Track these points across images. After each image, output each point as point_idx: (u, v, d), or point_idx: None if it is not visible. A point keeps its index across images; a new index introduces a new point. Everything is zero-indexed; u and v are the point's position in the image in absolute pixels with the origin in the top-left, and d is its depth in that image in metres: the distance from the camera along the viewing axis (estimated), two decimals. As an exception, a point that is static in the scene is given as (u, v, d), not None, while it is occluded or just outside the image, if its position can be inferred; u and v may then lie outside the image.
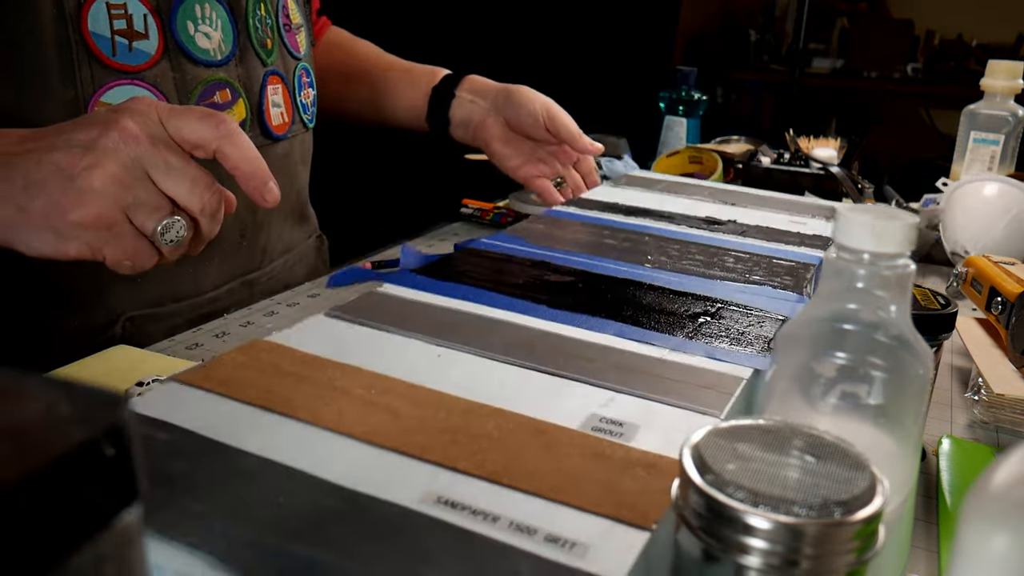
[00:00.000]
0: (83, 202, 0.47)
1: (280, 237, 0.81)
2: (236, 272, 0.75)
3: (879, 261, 0.31)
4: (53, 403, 0.15)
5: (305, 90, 0.79)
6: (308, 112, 0.80)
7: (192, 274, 0.70)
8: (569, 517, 0.31)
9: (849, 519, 0.24)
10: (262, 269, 0.78)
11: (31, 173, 0.47)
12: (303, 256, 0.87)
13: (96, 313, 0.65)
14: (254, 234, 0.76)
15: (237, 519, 0.30)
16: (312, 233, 0.90)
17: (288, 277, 0.83)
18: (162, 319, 0.69)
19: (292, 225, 0.84)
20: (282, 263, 0.82)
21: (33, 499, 0.14)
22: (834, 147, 1.11)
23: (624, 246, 0.66)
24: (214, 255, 0.72)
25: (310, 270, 0.88)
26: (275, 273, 0.80)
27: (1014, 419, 0.55)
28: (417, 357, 0.44)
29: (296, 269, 0.85)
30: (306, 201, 0.88)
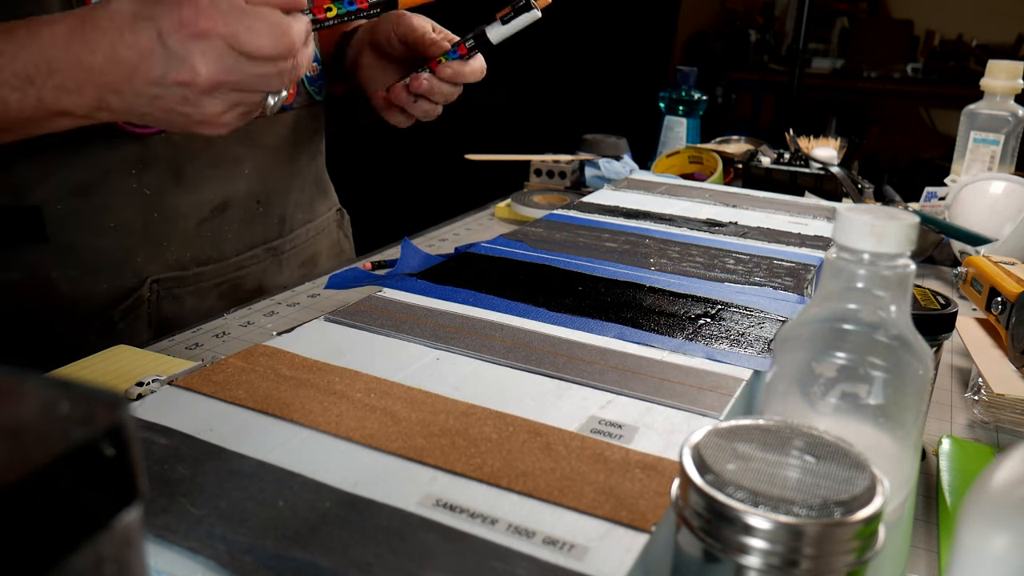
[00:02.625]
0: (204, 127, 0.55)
1: (299, 206, 0.82)
2: (257, 239, 0.77)
3: (879, 261, 0.31)
4: (53, 403, 0.15)
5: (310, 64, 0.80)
6: (315, 85, 0.80)
7: (211, 238, 0.72)
8: (568, 519, 0.31)
9: (849, 519, 0.24)
10: (284, 237, 0.80)
11: (153, 109, 0.53)
12: (325, 228, 0.88)
13: (124, 277, 0.68)
14: (270, 201, 0.77)
15: (236, 523, 0.30)
16: (332, 206, 0.91)
17: (312, 248, 0.85)
18: (187, 283, 0.71)
19: (311, 196, 0.85)
20: (304, 232, 0.83)
21: (33, 499, 0.14)
22: (834, 147, 1.11)
23: (624, 249, 0.66)
24: (231, 219, 0.73)
25: (332, 243, 0.90)
26: (299, 243, 0.82)
27: (1014, 419, 0.55)
28: (416, 360, 0.44)
29: (320, 240, 0.87)
30: (324, 173, 0.89)
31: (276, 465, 0.34)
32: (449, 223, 0.99)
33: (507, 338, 0.47)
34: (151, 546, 0.29)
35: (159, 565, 0.29)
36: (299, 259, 0.83)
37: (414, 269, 0.60)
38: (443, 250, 0.85)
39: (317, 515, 0.31)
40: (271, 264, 0.79)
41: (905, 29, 3.61)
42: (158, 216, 0.68)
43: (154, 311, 0.70)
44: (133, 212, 0.66)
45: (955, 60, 3.49)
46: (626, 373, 0.43)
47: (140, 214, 0.67)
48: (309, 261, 0.85)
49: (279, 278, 0.80)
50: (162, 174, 0.66)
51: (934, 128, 3.58)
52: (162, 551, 0.29)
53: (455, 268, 0.59)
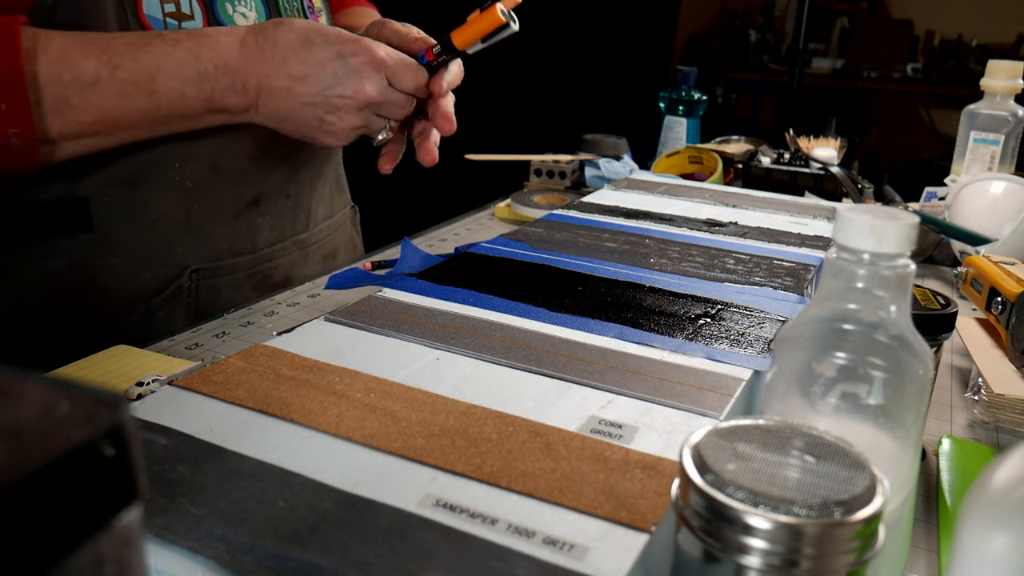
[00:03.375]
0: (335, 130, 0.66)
1: (322, 201, 0.85)
2: (287, 232, 0.80)
3: (879, 261, 0.31)
4: (53, 403, 0.15)
5: None
6: None
7: (247, 230, 0.75)
8: (568, 519, 0.31)
9: (849, 519, 0.24)
10: (310, 230, 0.83)
11: (297, 114, 0.64)
12: (342, 223, 0.91)
13: (166, 266, 0.71)
14: (298, 195, 0.79)
15: (236, 523, 0.30)
16: (347, 203, 0.94)
17: (333, 242, 0.88)
18: (222, 273, 0.74)
19: (332, 191, 0.88)
20: (327, 227, 0.86)
21: (33, 499, 0.14)
22: (834, 147, 1.11)
23: (624, 249, 0.66)
24: (266, 212, 0.76)
25: (348, 238, 0.92)
26: (321, 236, 0.85)
27: (1014, 419, 0.55)
28: (416, 360, 0.44)
29: (339, 235, 0.89)
30: (341, 169, 0.92)
31: (276, 465, 0.34)
32: (449, 223, 0.99)
33: (507, 338, 0.47)
34: (151, 546, 0.29)
35: (159, 565, 0.29)
36: (322, 252, 0.85)
37: (414, 269, 0.60)
38: (443, 250, 0.85)
39: (317, 515, 0.31)
40: (298, 256, 0.81)
41: (905, 29, 3.62)
42: (198, 208, 0.70)
43: (193, 300, 0.72)
44: (175, 204, 0.69)
45: (955, 60, 3.49)
46: (626, 373, 0.43)
47: (181, 205, 0.70)
48: (330, 255, 0.87)
49: (305, 270, 0.82)
50: (202, 168, 0.69)
51: (934, 128, 3.58)
52: (162, 551, 0.29)
53: (455, 268, 0.59)
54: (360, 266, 0.78)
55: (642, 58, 2.79)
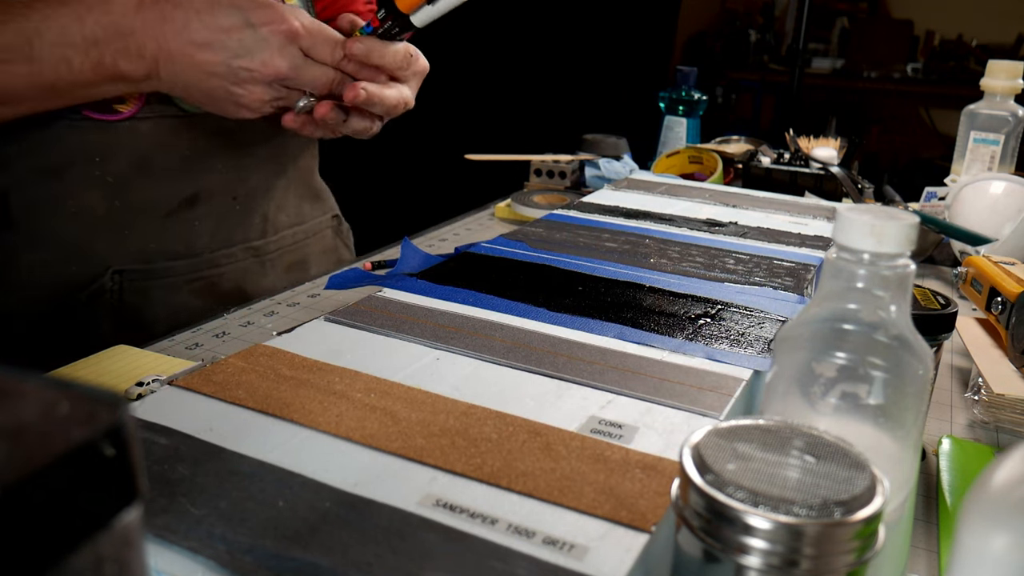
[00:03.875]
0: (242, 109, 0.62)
1: (284, 208, 0.80)
2: (235, 237, 0.75)
3: (879, 261, 0.31)
4: (53, 403, 0.15)
5: None
6: None
7: (180, 232, 0.71)
8: (568, 519, 0.31)
9: (849, 519, 0.24)
10: (268, 238, 0.79)
11: (202, 83, 0.59)
12: (317, 234, 0.87)
13: (87, 264, 0.67)
14: (250, 199, 0.75)
15: (236, 523, 0.30)
16: (327, 212, 0.89)
17: (301, 252, 0.83)
18: (155, 276, 0.70)
19: (300, 198, 0.83)
20: (291, 235, 0.82)
21: (33, 499, 0.14)
22: (834, 147, 1.11)
23: (624, 249, 0.66)
24: (203, 215, 0.72)
25: (327, 250, 0.89)
26: (284, 245, 0.81)
27: (1014, 419, 0.55)
28: (416, 360, 0.44)
29: (311, 246, 0.85)
30: (315, 177, 0.87)
31: (276, 465, 0.34)
32: (449, 223, 0.99)
33: (507, 338, 0.47)
34: (151, 546, 0.29)
35: (159, 565, 0.29)
36: (285, 262, 0.81)
37: (414, 269, 0.60)
38: (443, 250, 0.85)
39: (317, 515, 0.31)
40: (252, 265, 0.77)
41: (905, 29, 3.61)
42: (120, 205, 0.67)
43: (116, 302, 0.69)
44: (96, 199, 0.66)
45: (955, 60, 3.49)
46: (626, 373, 0.43)
47: (103, 201, 0.67)
48: (297, 266, 0.83)
49: (263, 280, 0.78)
50: (125, 163, 0.66)
51: (934, 128, 3.58)
52: (162, 551, 0.29)
53: (455, 268, 0.59)
54: (360, 266, 0.78)
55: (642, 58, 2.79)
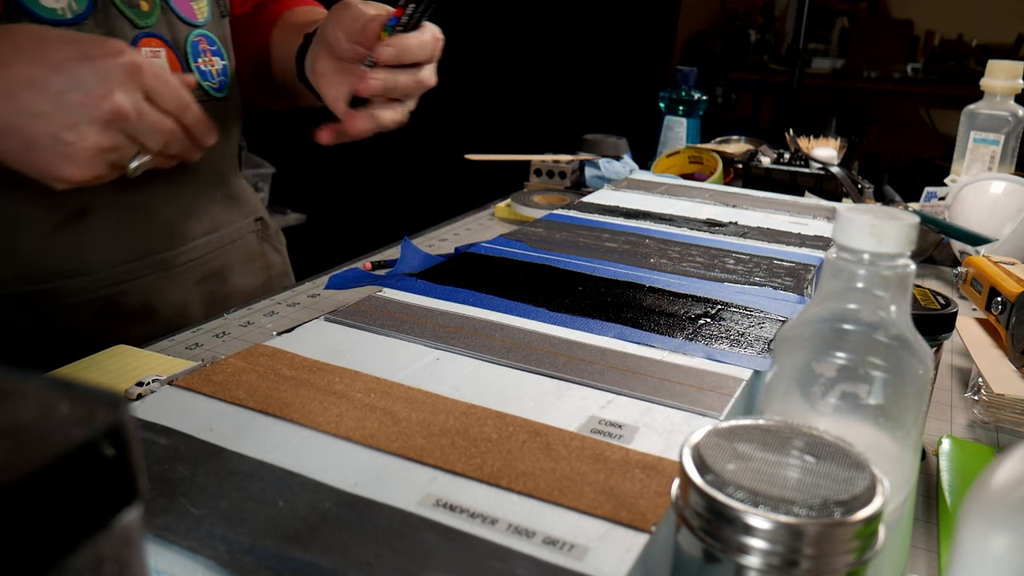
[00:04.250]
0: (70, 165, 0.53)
1: (194, 215, 0.74)
2: (138, 251, 0.69)
3: (879, 261, 0.31)
4: (53, 403, 0.15)
5: (206, 57, 0.73)
6: (213, 80, 0.73)
7: (68, 247, 0.65)
8: (568, 519, 0.31)
9: (849, 519, 0.24)
10: (176, 249, 0.72)
11: (24, 129, 0.52)
12: (238, 240, 0.80)
13: None
14: (150, 208, 0.69)
15: (236, 523, 0.30)
16: (249, 215, 0.83)
17: (218, 262, 0.77)
18: (49, 297, 0.65)
19: (214, 203, 0.77)
20: (204, 244, 0.75)
21: (33, 499, 0.14)
22: (834, 147, 1.11)
23: (624, 249, 0.66)
24: (95, 228, 0.66)
25: (251, 257, 0.82)
26: (198, 255, 0.74)
27: (1014, 419, 0.55)
28: (416, 360, 0.44)
29: (229, 254, 0.79)
30: (234, 177, 0.81)
31: (276, 465, 0.34)
32: (449, 223, 0.99)
33: (507, 338, 0.47)
34: (151, 546, 0.29)
35: (159, 565, 0.29)
36: (199, 274, 0.75)
37: (414, 269, 0.60)
38: (443, 250, 0.85)
39: (317, 515, 0.31)
40: (161, 280, 0.71)
41: (905, 29, 3.61)
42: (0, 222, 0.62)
43: (10, 330, 0.65)
44: None
45: (955, 60, 3.48)
46: (626, 373, 0.43)
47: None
48: (215, 277, 0.77)
49: (173, 295, 0.73)
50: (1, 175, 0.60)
51: (934, 128, 3.58)
52: (162, 551, 0.29)
53: (455, 268, 0.59)
54: (360, 266, 0.78)
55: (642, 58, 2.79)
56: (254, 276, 0.82)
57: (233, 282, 0.79)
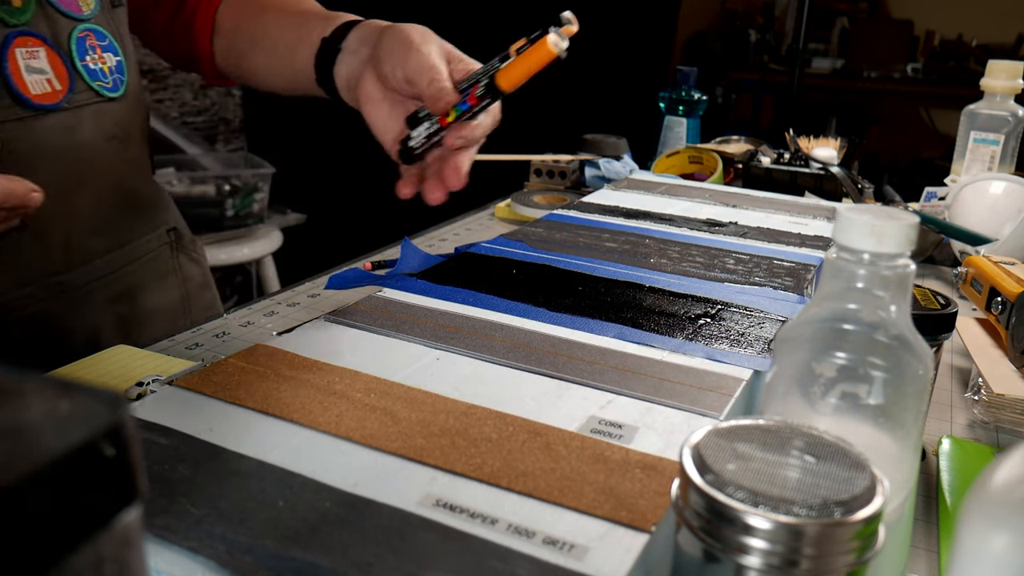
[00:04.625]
0: None
1: (94, 231, 0.68)
2: (30, 275, 0.64)
3: (879, 261, 0.31)
4: (53, 403, 0.15)
5: (96, 54, 0.66)
6: (106, 79, 0.67)
7: None
8: (568, 519, 0.31)
9: (849, 519, 0.24)
10: (77, 269, 0.66)
11: None
12: (147, 254, 0.74)
13: None
14: (43, 224, 0.63)
15: (236, 523, 0.30)
16: (160, 226, 0.76)
17: (127, 282, 0.71)
18: None
19: (118, 215, 0.70)
20: (106, 263, 0.69)
21: (33, 499, 0.14)
22: (834, 147, 1.11)
23: (624, 249, 0.66)
24: None
25: (165, 271, 0.76)
26: (100, 275, 0.69)
27: (1014, 419, 0.55)
28: (416, 360, 0.44)
29: (139, 271, 0.73)
30: (143, 186, 0.74)
31: (276, 465, 0.34)
32: (449, 223, 0.99)
33: (507, 338, 0.47)
34: (151, 546, 0.29)
35: (159, 565, 0.29)
36: (105, 295, 0.69)
37: (414, 269, 0.60)
38: (443, 250, 0.85)
39: (317, 515, 0.31)
40: (58, 304, 0.66)
41: (905, 29, 3.61)
42: None
43: None
44: None
45: (955, 60, 3.48)
46: (626, 373, 0.43)
47: None
48: (125, 296, 0.71)
49: (78, 320, 0.67)
50: None
51: (934, 128, 3.58)
52: (162, 551, 0.29)
53: (455, 268, 0.59)
54: (360, 266, 0.78)
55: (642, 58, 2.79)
56: (169, 292, 0.76)
57: (145, 300, 0.73)
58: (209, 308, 0.81)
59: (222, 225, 1.91)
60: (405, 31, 0.59)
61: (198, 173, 1.96)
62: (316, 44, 0.66)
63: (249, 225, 1.95)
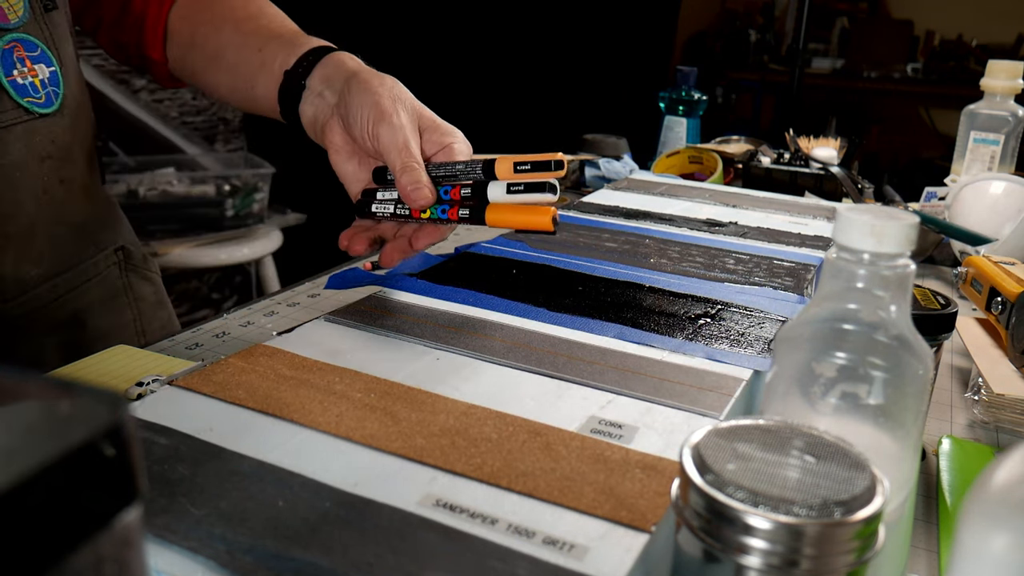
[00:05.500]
0: None
1: (29, 260, 0.63)
2: None
3: (879, 261, 0.31)
4: (53, 403, 0.15)
5: (25, 67, 0.61)
6: (37, 94, 0.62)
7: None
8: (568, 519, 0.31)
9: (849, 519, 0.24)
10: (11, 301, 0.62)
11: None
12: (93, 278, 0.69)
13: None
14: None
15: (236, 523, 0.30)
16: (107, 246, 0.71)
17: (72, 308, 0.67)
18: None
19: (60, 237, 0.65)
20: (49, 290, 0.65)
21: (33, 499, 0.14)
22: (834, 147, 1.11)
23: (624, 249, 0.66)
24: None
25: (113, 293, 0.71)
26: (39, 304, 0.64)
27: (1014, 419, 0.55)
28: (416, 360, 0.44)
29: (84, 296, 0.68)
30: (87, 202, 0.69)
31: (276, 465, 0.34)
32: (449, 223, 0.99)
33: (507, 338, 0.47)
34: (151, 546, 0.29)
35: (159, 565, 0.29)
36: (48, 324, 0.65)
37: (414, 269, 0.60)
38: (443, 250, 0.85)
39: (317, 515, 0.31)
40: (2, 336, 0.62)
41: (905, 29, 3.61)
42: None
43: None
44: None
45: (955, 60, 3.49)
46: (626, 373, 0.43)
47: None
48: (71, 324, 0.67)
49: (17, 352, 0.63)
50: None
51: (934, 128, 3.58)
52: (162, 551, 0.29)
53: (455, 268, 0.59)
54: (360, 266, 0.78)
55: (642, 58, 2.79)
56: (119, 314, 0.72)
57: (94, 324, 0.69)
58: (164, 327, 0.76)
59: (222, 225, 1.91)
60: (374, 91, 0.53)
61: (198, 173, 1.96)
62: (278, 76, 0.62)
63: (249, 225, 1.95)
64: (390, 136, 0.52)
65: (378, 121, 0.52)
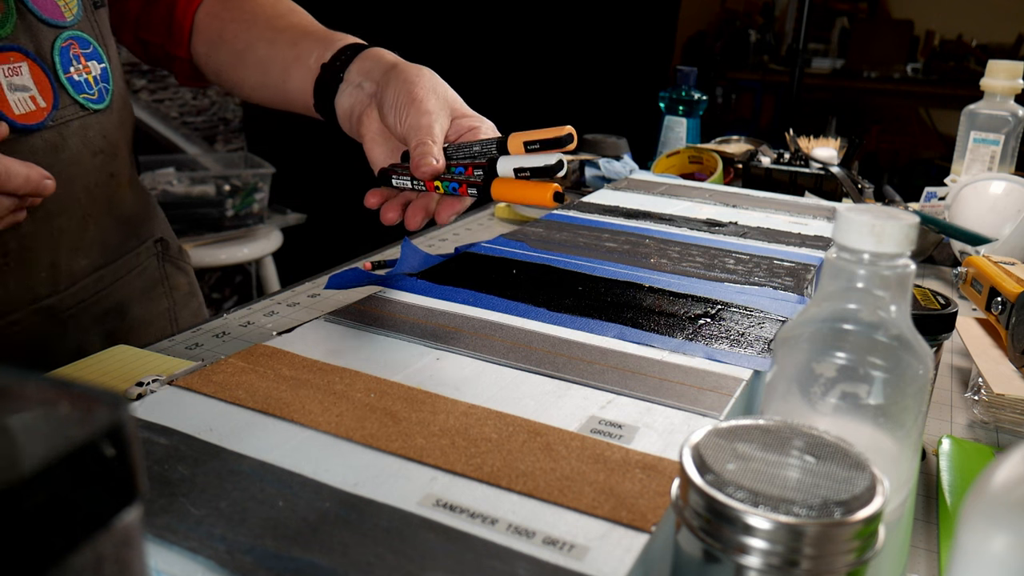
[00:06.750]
0: None
1: (80, 252, 0.65)
2: (18, 301, 0.61)
3: (879, 261, 0.31)
4: (53, 403, 0.15)
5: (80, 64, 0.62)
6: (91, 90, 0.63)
7: None
8: (568, 519, 0.31)
9: (849, 519, 0.24)
10: (63, 292, 0.64)
11: None
12: (135, 269, 0.72)
13: None
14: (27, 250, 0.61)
15: (236, 523, 0.30)
16: (146, 237, 0.74)
17: (116, 297, 0.69)
18: None
19: (101, 233, 0.67)
20: (95, 282, 0.67)
21: (33, 499, 0.14)
22: (834, 147, 1.11)
23: (624, 249, 0.66)
24: None
25: (152, 282, 0.74)
26: (88, 295, 0.67)
27: (1014, 419, 0.55)
28: (416, 360, 0.44)
29: (127, 287, 0.71)
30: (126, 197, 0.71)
31: (276, 465, 0.34)
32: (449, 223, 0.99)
33: (507, 338, 0.47)
34: (151, 546, 0.29)
35: (159, 565, 0.29)
36: (93, 314, 0.67)
37: (414, 269, 0.60)
38: (443, 250, 0.85)
39: (317, 515, 0.31)
40: (46, 327, 0.63)
41: (905, 29, 3.61)
42: None
43: None
44: None
45: (955, 60, 3.48)
46: (626, 373, 0.43)
47: None
48: (113, 313, 0.69)
49: (66, 343, 0.65)
50: None
51: (934, 128, 3.58)
52: (162, 551, 0.29)
53: (455, 268, 0.59)
54: (360, 266, 0.78)
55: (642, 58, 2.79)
56: (156, 303, 0.74)
57: (133, 314, 0.71)
58: (195, 316, 0.79)
59: (222, 225, 1.91)
60: (411, 81, 0.57)
61: (198, 173, 1.96)
62: (314, 69, 0.64)
63: (249, 225, 1.95)
64: (416, 119, 0.55)
65: (409, 105, 0.56)
